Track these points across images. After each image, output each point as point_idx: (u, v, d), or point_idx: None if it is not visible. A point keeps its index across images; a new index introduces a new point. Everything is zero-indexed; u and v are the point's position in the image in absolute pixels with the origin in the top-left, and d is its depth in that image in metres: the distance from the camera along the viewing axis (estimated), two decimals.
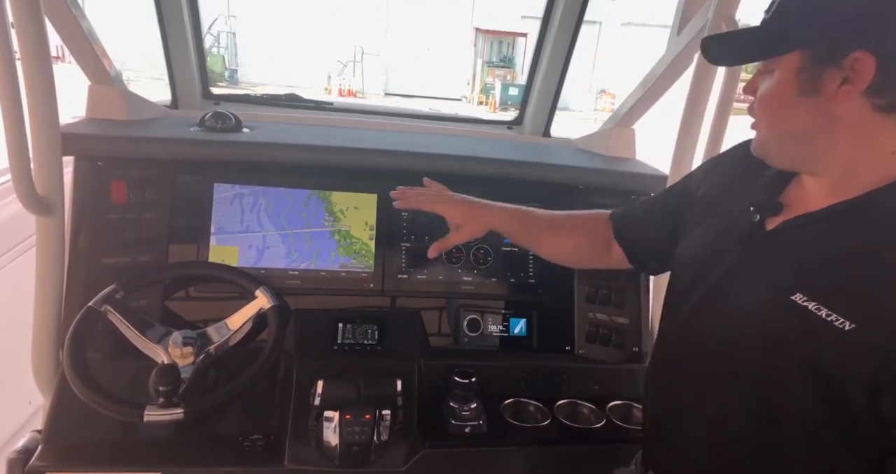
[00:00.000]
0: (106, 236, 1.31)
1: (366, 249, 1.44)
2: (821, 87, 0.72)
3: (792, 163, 0.82)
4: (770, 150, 0.82)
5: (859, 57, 0.68)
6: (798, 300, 0.72)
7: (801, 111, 0.75)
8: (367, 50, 19.53)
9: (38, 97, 1.10)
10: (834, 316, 0.69)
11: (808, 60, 0.73)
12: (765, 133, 0.82)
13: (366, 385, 1.20)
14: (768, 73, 0.78)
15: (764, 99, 0.79)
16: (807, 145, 0.77)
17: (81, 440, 1.15)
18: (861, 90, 0.70)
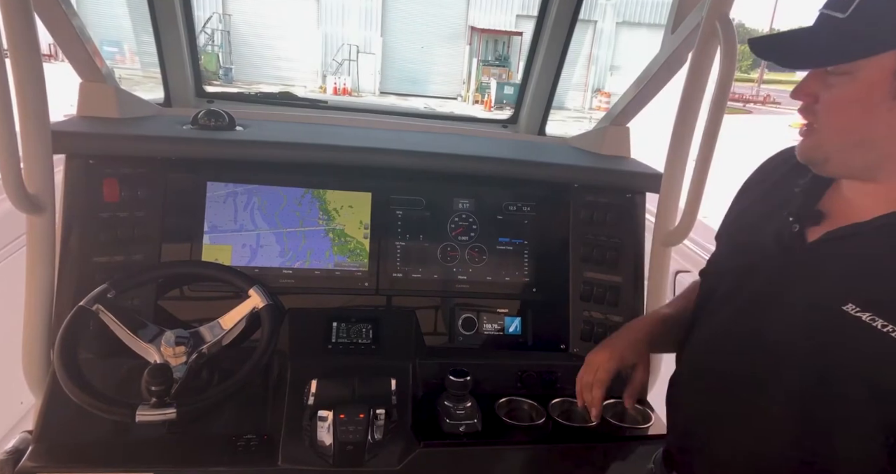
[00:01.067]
0: (98, 235, 1.29)
1: (360, 248, 1.44)
2: None
3: (852, 170, 0.78)
4: (831, 157, 0.77)
5: None
6: (850, 310, 0.71)
7: (888, 116, 0.71)
8: (362, 49, 19.50)
9: (27, 94, 1.08)
10: (890, 326, 0.68)
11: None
12: (831, 139, 0.75)
13: (360, 384, 1.20)
14: (844, 75, 0.72)
15: (841, 103, 0.73)
16: (878, 151, 0.74)
17: (73, 440, 1.14)
18: None
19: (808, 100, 0.76)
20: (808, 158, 0.80)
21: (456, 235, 1.49)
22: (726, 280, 0.93)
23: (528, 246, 1.52)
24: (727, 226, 1.03)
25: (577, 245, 1.49)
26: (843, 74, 0.72)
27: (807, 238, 0.81)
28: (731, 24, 1.16)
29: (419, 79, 20.31)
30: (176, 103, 1.84)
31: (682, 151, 1.32)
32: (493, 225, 1.51)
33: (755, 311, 0.85)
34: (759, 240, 0.88)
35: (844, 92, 0.72)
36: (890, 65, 0.69)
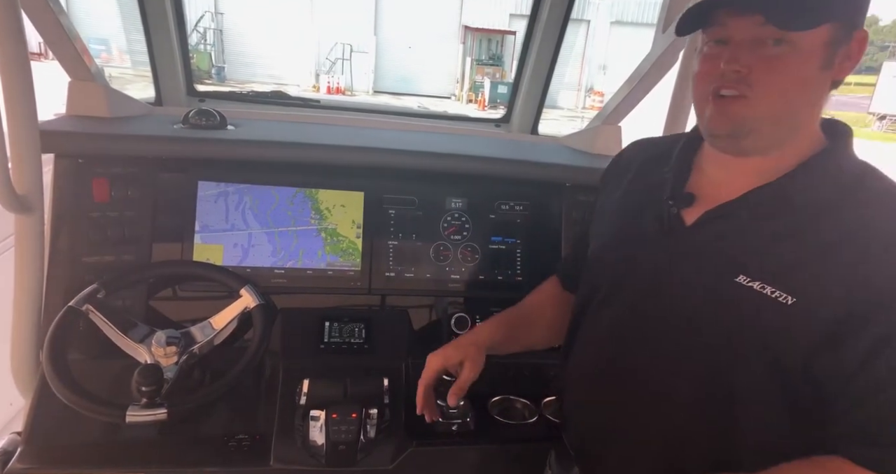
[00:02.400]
0: (87, 235, 1.29)
1: (353, 247, 1.43)
2: (832, 63, 0.74)
3: (770, 144, 0.79)
4: (759, 129, 0.77)
5: (864, 35, 0.73)
6: (742, 281, 0.76)
7: (814, 86, 0.75)
8: (355, 47, 19.46)
9: (15, 94, 1.07)
10: (778, 292, 0.74)
11: (837, 34, 0.73)
12: (765, 109, 0.75)
13: (352, 383, 1.20)
14: (785, 44, 0.72)
15: (780, 71, 0.73)
16: (795, 123, 0.78)
17: (62, 441, 1.14)
18: (854, 68, 0.75)
19: (745, 70, 0.75)
20: (733, 130, 0.78)
21: (448, 234, 1.49)
22: (609, 273, 0.95)
23: (520, 245, 1.52)
24: (599, 222, 1.04)
25: (570, 244, 1.49)
26: (785, 43, 0.73)
27: (684, 220, 0.85)
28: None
29: (413, 78, 20.29)
30: (167, 102, 1.83)
31: None
32: (485, 224, 1.51)
33: (649, 297, 0.87)
34: (638, 230, 0.91)
35: (787, 62, 0.73)
36: (824, 37, 0.72)
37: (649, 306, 0.87)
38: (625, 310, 0.92)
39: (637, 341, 0.90)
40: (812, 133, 0.81)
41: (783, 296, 0.74)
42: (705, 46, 0.80)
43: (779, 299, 0.74)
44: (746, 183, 0.80)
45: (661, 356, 0.86)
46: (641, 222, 0.91)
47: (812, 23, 0.71)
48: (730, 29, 0.76)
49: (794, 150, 0.80)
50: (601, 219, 1.04)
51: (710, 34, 0.79)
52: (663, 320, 0.86)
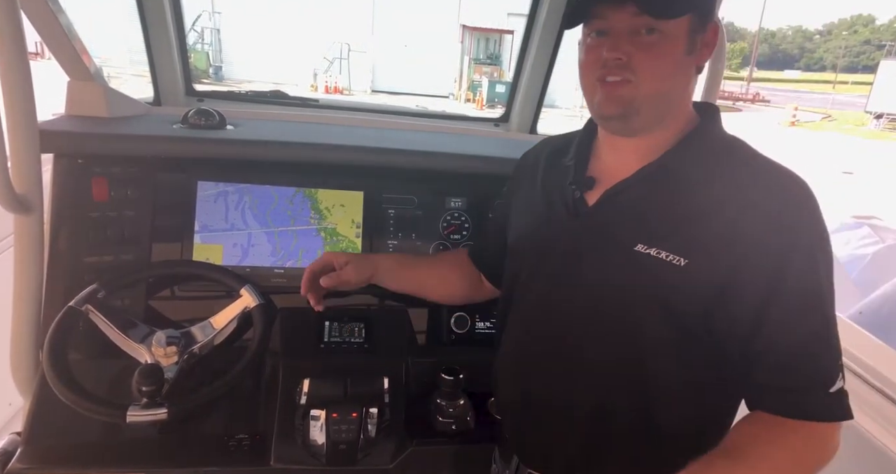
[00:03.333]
0: (87, 235, 1.29)
1: (352, 247, 1.44)
2: (694, 49, 0.85)
3: (651, 123, 0.88)
4: (641, 110, 0.85)
5: (717, 26, 0.84)
6: (641, 249, 0.85)
7: (684, 69, 0.86)
8: (353, 47, 19.44)
9: (14, 93, 1.07)
10: (671, 256, 0.82)
11: (695, 22, 0.83)
12: (644, 91, 0.84)
13: (353, 383, 1.20)
14: (656, 32, 0.82)
15: (654, 57, 0.83)
16: (672, 102, 0.87)
17: (63, 442, 1.14)
18: (711, 55, 0.86)
19: (625, 58, 0.83)
20: (621, 111, 0.86)
21: (448, 234, 1.50)
22: (526, 262, 1.02)
23: None
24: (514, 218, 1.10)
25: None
26: (657, 32, 0.82)
27: (587, 202, 0.94)
28: (721, 27, 1.16)
29: (411, 77, 20.28)
30: (166, 102, 1.83)
31: None
32: (484, 223, 1.51)
33: (563, 279, 0.94)
34: (548, 218, 0.99)
35: (661, 48, 0.82)
36: (685, 26, 0.82)
37: (565, 287, 0.94)
38: (543, 294, 0.98)
39: (557, 322, 0.96)
40: (687, 113, 0.91)
41: (676, 258, 0.82)
42: (588, 38, 0.88)
43: (673, 262, 0.82)
44: (637, 162, 0.90)
45: (580, 332, 0.93)
46: (551, 210, 0.99)
47: (678, 12, 0.81)
48: (609, 21, 0.84)
49: (673, 129, 0.90)
50: (516, 214, 1.10)
51: (591, 26, 0.87)
52: (579, 297, 0.93)
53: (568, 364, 0.95)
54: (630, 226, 0.87)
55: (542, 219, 1.01)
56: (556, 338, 0.97)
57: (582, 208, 0.94)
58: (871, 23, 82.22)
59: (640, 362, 0.89)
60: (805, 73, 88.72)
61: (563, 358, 0.96)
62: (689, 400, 0.90)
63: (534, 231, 1.02)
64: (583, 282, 0.92)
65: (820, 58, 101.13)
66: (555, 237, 0.96)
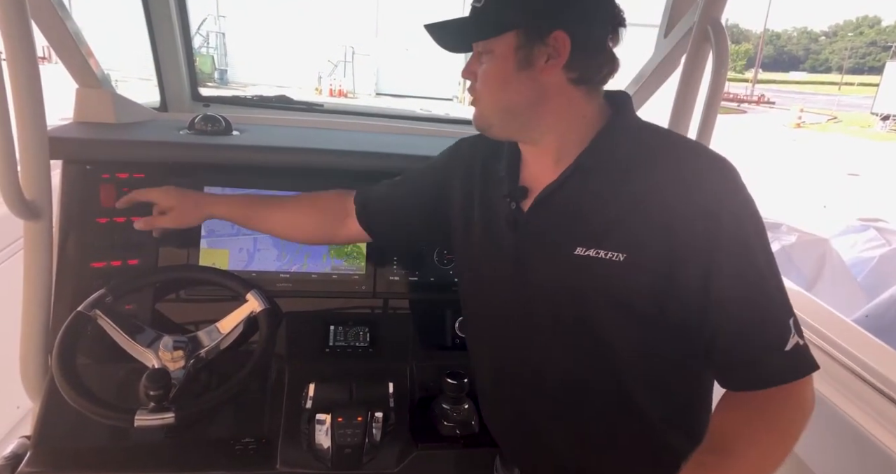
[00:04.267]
0: (95, 240, 1.30)
1: (357, 251, 1.44)
2: (533, 62, 0.84)
3: (513, 133, 0.93)
4: (493, 123, 0.91)
5: (558, 36, 0.82)
6: (580, 252, 0.86)
7: (519, 85, 0.86)
8: (357, 50, 19.49)
9: (24, 100, 1.09)
10: (610, 254, 0.83)
11: (523, 39, 0.84)
12: (488, 107, 0.90)
13: (358, 387, 1.21)
14: (487, 53, 0.87)
15: (487, 76, 0.87)
16: (524, 117, 0.89)
17: (71, 445, 1.15)
18: (562, 65, 0.84)
19: (472, 77, 0.89)
20: (479, 126, 0.93)
21: None
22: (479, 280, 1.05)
23: None
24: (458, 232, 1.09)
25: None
26: (487, 53, 0.87)
27: (523, 210, 0.95)
28: (723, 29, 1.17)
29: (414, 80, 20.31)
30: (172, 108, 1.84)
31: None
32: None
33: (514, 288, 0.95)
34: (493, 229, 1.00)
35: (488, 67, 0.87)
36: (512, 43, 0.84)
37: (520, 298, 0.95)
38: (501, 307, 0.99)
39: (519, 334, 0.97)
40: (587, 113, 0.90)
41: (615, 255, 0.83)
42: None
43: (613, 259, 0.83)
44: (557, 165, 0.91)
45: (544, 341, 0.94)
46: (493, 225, 1.00)
47: (485, 34, 0.85)
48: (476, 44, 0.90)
49: (579, 128, 0.89)
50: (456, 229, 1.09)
51: None
52: (535, 306, 0.93)
53: (540, 375, 0.96)
54: (566, 231, 0.88)
55: (488, 236, 1.01)
56: (522, 350, 0.98)
57: (520, 218, 0.94)
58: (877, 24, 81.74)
59: (606, 358, 0.90)
60: (811, 74, 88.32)
61: (535, 370, 0.97)
62: (659, 384, 0.91)
63: (481, 250, 1.03)
64: (535, 290, 0.93)
65: (825, 59, 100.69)
66: (501, 251, 0.97)
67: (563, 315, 0.91)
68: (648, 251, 0.82)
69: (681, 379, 0.93)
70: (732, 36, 6.39)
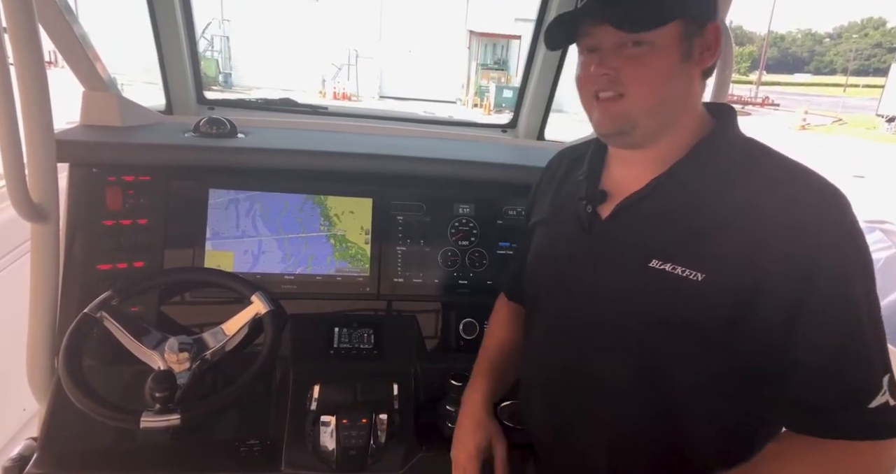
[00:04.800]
0: (101, 242, 1.30)
1: (361, 253, 1.45)
2: (692, 54, 0.81)
3: (648, 135, 0.85)
4: (639, 123, 0.83)
5: (715, 27, 0.81)
6: (655, 265, 0.81)
7: (679, 78, 0.82)
8: (361, 53, 19.55)
9: (32, 104, 1.10)
10: (687, 271, 0.78)
11: (686, 29, 0.80)
12: (640, 104, 0.82)
13: (362, 389, 1.21)
14: (644, 45, 0.79)
15: (646, 69, 0.80)
16: (672, 114, 0.84)
17: (77, 447, 1.15)
18: (716, 57, 0.82)
19: (614, 73, 0.82)
20: (618, 128, 0.85)
21: (456, 240, 1.50)
22: (546, 273, 1.00)
23: None
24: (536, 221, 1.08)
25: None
26: (640, 45, 0.79)
27: (601, 216, 0.91)
28: (727, 30, 1.17)
29: (418, 83, 20.35)
30: (177, 111, 1.85)
31: None
32: (493, 229, 1.52)
33: (579, 292, 0.92)
34: (562, 233, 0.97)
35: (648, 60, 0.80)
36: (676, 32, 0.79)
37: (581, 305, 0.92)
38: (560, 311, 0.96)
39: (574, 338, 0.94)
40: (696, 118, 0.87)
41: (693, 273, 0.78)
42: (581, 55, 0.88)
43: (689, 277, 0.78)
44: (648, 173, 0.86)
45: (599, 351, 0.90)
46: (564, 226, 0.97)
47: (656, 22, 0.78)
48: (596, 37, 0.83)
49: (682, 136, 0.86)
50: (534, 232, 1.08)
51: (581, 44, 0.87)
52: (596, 316, 0.90)
53: (590, 384, 0.92)
54: (643, 241, 0.84)
55: (556, 236, 0.99)
56: (575, 357, 0.93)
57: (595, 223, 0.91)
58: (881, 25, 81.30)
59: (663, 381, 0.84)
60: (815, 76, 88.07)
61: (585, 379, 0.92)
62: (716, 418, 0.84)
63: (548, 249, 1.00)
64: (599, 299, 0.89)
65: (830, 61, 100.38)
66: (568, 254, 0.94)
67: (623, 327, 0.86)
68: (731, 274, 0.76)
69: (736, 409, 0.85)
70: (736, 38, 6.42)
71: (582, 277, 0.91)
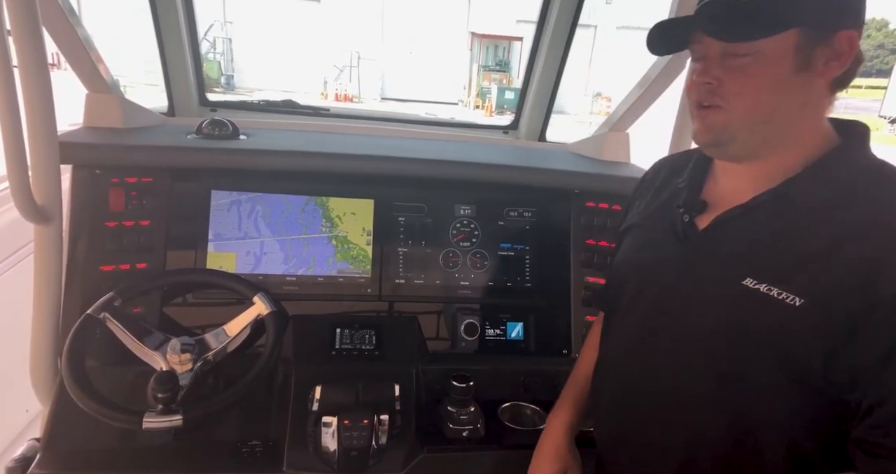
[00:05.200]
0: (104, 244, 1.31)
1: (363, 254, 1.45)
2: (812, 64, 0.75)
3: (750, 148, 0.81)
4: (737, 135, 0.80)
5: (846, 35, 0.74)
6: (749, 284, 0.77)
7: (792, 89, 0.76)
8: (363, 54, 19.58)
9: (35, 106, 1.10)
10: (785, 294, 0.74)
11: (805, 37, 0.74)
12: (741, 116, 0.78)
13: (364, 390, 1.21)
14: (751, 55, 0.75)
15: (752, 79, 0.76)
16: (780, 127, 0.79)
17: (80, 448, 1.16)
18: (846, 67, 0.75)
19: (715, 83, 0.78)
20: (714, 139, 0.82)
21: (458, 241, 1.51)
22: (634, 278, 0.98)
23: (529, 251, 1.53)
24: (628, 226, 1.07)
25: (578, 250, 1.50)
26: (747, 55, 0.75)
27: (698, 226, 0.88)
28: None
29: (420, 84, 20.36)
30: (179, 112, 1.86)
31: None
32: (494, 231, 1.52)
33: (667, 301, 0.89)
34: (655, 240, 0.95)
35: (756, 70, 0.76)
36: (792, 41, 0.74)
37: (665, 316, 0.89)
38: (642, 317, 0.94)
39: (654, 354, 0.91)
40: (816, 133, 0.81)
41: (790, 297, 0.73)
42: (692, 62, 0.85)
43: (786, 300, 0.73)
44: (754, 187, 0.82)
45: (676, 367, 0.87)
46: (657, 233, 0.94)
47: (759, 33, 0.74)
48: (703, 45, 0.80)
49: (797, 152, 0.80)
50: (624, 235, 1.07)
51: (691, 52, 0.84)
52: (678, 329, 0.87)
53: (664, 396, 0.89)
54: (740, 257, 0.80)
55: (647, 242, 0.97)
56: (652, 370, 0.90)
57: (691, 233, 0.88)
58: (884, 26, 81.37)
59: (740, 405, 0.80)
60: None
61: (660, 390, 0.90)
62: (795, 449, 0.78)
63: (638, 253, 0.98)
64: (684, 312, 0.86)
65: None
66: (658, 262, 0.92)
67: (707, 343, 0.82)
68: (834, 303, 0.70)
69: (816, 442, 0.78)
70: None
71: (670, 286, 0.88)
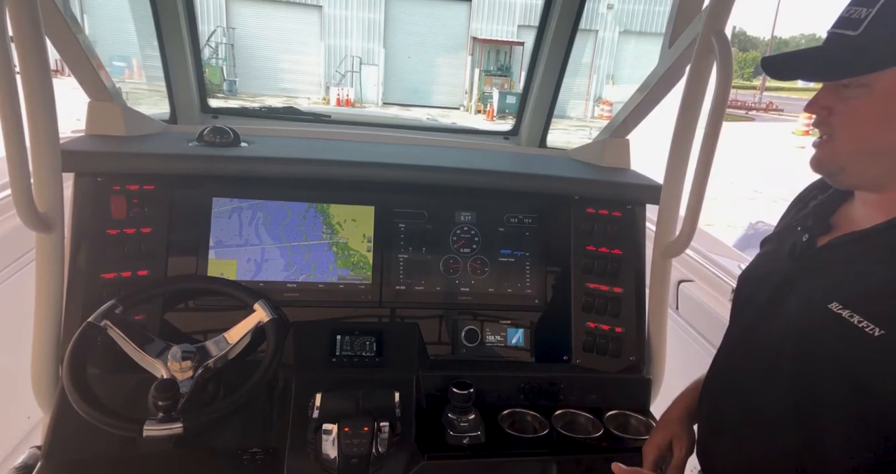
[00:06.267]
0: (105, 251, 1.31)
1: (364, 261, 1.45)
2: None
3: (865, 179, 0.81)
4: (846, 167, 0.80)
5: None
6: (834, 308, 0.77)
7: None
8: (364, 60, 19.65)
9: (38, 113, 1.10)
10: (865, 322, 0.73)
11: None
12: (848, 149, 0.78)
13: (364, 397, 1.21)
14: (859, 87, 0.75)
15: (860, 113, 0.76)
16: (893, 160, 0.78)
17: (81, 455, 1.16)
18: None
19: (824, 113, 0.79)
20: (824, 169, 0.83)
21: (458, 248, 1.51)
22: (748, 287, 1.01)
23: (529, 257, 1.53)
24: (765, 239, 1.08)
25: (579, 256, 1.50)
26: (860, 87, 0.76)
27: (815, 246, 0.88)
28: (726, 40, 1.17)
29: (421, 89, 20.43)
30: (181, 120, 1.87)
31: (681, 163, 1.33)
32: (494, 237, 1.52)
33: (763, 315, 0.91)
34: (776, 253, 0.96)
35: (862, 104, 0.76)
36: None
37: (759, 328, 0.91)
38: (746, 325, 0.96)
39: (744, 364, 0.93)
40: None
41: (870, 326, 0.72)
42: None
43: (866, 329, 0.73)
44: (883, 216, 0.80)
45: (759, 373, 0.89)
46: (781, 248, 0.96)
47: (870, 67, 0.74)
48: None
49: None
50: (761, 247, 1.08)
51: None
52: (765, 343, 0.89)
53: (739, 406, 0.92)
54: (836, 281, 0.80)
55: (768, 257, 0.99)
56: (740, 380, 0.94)
57: (806, 252, 0.89)
58: None
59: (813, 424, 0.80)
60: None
61: (738, 399, 0.93)
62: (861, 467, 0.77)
63: (755, 266, 1.01)
64: (773, 328, 0.87)
65: None
66: (769, 276, 0.93)
67: (784, 365, 0.83)
68: None
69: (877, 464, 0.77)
70: (740, 43, 6.36)
71: (770, 301, 0.90)
